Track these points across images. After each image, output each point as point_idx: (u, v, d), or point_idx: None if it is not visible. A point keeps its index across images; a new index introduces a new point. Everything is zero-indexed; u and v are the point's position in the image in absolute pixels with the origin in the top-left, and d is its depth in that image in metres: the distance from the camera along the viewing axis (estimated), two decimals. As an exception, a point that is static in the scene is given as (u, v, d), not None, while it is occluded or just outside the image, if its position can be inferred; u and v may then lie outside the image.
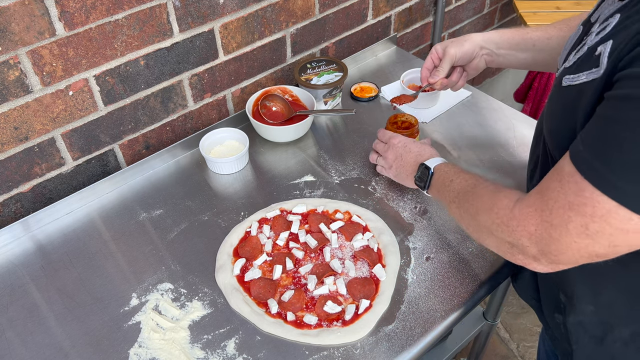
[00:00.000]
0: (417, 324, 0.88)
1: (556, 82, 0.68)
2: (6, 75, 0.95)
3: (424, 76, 1.09)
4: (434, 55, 1.08)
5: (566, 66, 0.66)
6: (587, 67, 0.61)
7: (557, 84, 0.68)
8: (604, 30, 0.61)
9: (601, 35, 0.61)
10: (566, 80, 0.64)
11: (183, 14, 1.11)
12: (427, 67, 1.09)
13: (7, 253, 1.03)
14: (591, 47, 0.62)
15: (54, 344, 0.88)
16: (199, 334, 0.88)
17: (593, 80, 0.59)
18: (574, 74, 0.63)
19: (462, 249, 0.99)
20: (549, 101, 0.71)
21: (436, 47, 1.08)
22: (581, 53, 0.64)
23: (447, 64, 1.05)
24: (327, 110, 1.32)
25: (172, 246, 1.02)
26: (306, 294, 0.92)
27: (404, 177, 1.02)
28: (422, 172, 0.95)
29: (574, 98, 0.62)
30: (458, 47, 1.04)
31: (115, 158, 1.20)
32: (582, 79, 0.61)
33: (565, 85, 0.64)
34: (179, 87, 1.21)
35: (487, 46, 1.03)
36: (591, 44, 0.62)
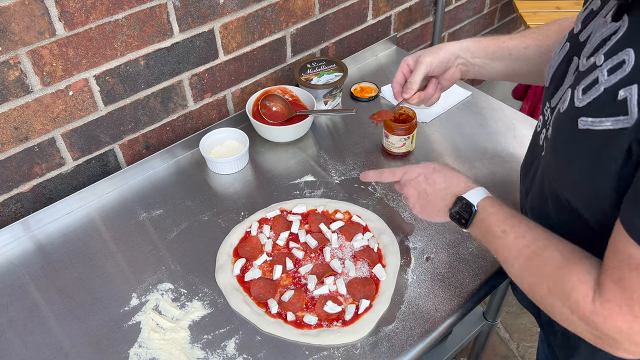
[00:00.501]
0: (417, 324, 0.88)
1: (565, 120, 0.64)
2: (6, 75, 0.95)
3: (397, 92, 0.99)
4: (405, 68, 0.99)
5: (578, 105, 0.62)
6: (611, 113, 0.57)
7: (567, 123, 0.63)
8: (620, 70, 0.56)
9: (619, 75, 0.57)
10: (583, 123, 0.60)
11: (183, 14, 1.11)
12: (397, 81, 0.99)
13: (7, 253, 1.03)
14: (609, 88, 0.57)
15: (54, 344, 0.88)
16: (199, 334, 0.88)
17: (622, 130, 0.55)
18: (594, 117, 0.58)
19: (462, 249, 0.99)
20: (558, 142, 0.66)
21: (406, 59, 0.98)
22: (596, 92, 0.59)
23: (421, 73, 0.96)
24: (327, 110, 1.32)
25: (172, 246, 1.02)
26: (306, 294, 0.92)
27: (433, 215, 0.87)
28: (461, 207, 0.81)
29: (599, 146, 0.58)
30: (433, 55, 0.96)
31: (115, 158, 1.20)
32: (607, 126, 0.57)
33: (584, 128, 0.60)
34: (179, 87, 1.21)
35: (462, 55, 0.96)
36: (608, 85, 0.58)
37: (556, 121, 0.68)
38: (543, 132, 0.75)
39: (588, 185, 0.61)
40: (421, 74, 0.95)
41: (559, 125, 0.66)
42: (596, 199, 0.62)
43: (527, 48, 0.92)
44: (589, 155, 0.60)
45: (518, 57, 0.93)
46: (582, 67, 0.64)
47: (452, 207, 0.82)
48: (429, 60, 0.95)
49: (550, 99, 0.73)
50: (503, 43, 0.94)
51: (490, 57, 0.95)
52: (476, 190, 0.82)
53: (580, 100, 0.62)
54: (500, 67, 0.95)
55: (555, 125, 0.68)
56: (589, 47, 0.64)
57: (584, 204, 0.65)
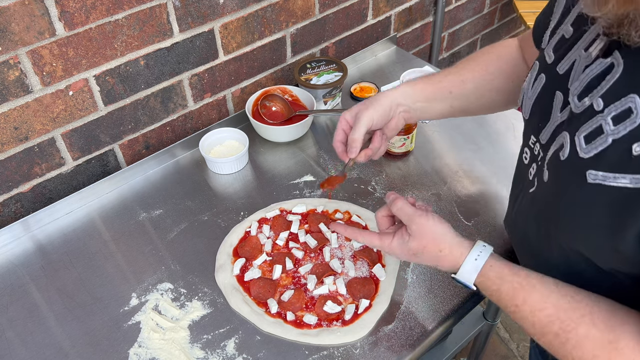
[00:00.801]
0: (417, 324, 0.88)
1: (570, 170, 0.60)
2: (6, 75, 0.95)
3: (340, 152, 0.90)
4: (344, 125, 0.90)
5: (583, 156, 0.57)
6: (627, 169, 0.53)
7: (573, 175, 0.59)
8: (629, 121, 0.53)
9: (628, 126, 0.53)
10: (593, 177, 0.56)
11: (183, 14, 1.11)
12: (339, 140, 0.90)
13: (7, 253, 1.03)
14: (619, 140, 0.54)
15: (54, 344, 0.88)
16: (199, 334, 0.88)
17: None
18: (605, 172, 0.55)
19: (462, 249, 0.99)
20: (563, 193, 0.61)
21: (344, 115, 0.90)
22: (603, 144, 0.55)
23: (363, 130, 0.86)
24: (327, 110, 1.32)
25: (172, 246, 1.02)
26: (306, 294, 0.92)
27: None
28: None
29: (618, 203, 0.54)
30: (373, 109, 0.87)
31: (115, 158, 1.20)
32: (625, 183, 0.53)
33: (594, 182, 0.56)
34: (179, 87, 1.21)
35: (403, 102, 0.89)
36: (616, 137, 0.54)
37: (556, 168, 0.63)
38: (533, 167, 0.71)
39: (606, 241, 0.57)
40: (363, 131, 0.86)
41: (562, 174, 0.62)
42: (616, 252, 0.57)
43: (464, 82, 0.88)
44: (606, 212, 0.56)
45: (458, 95, 0.89)
46: (575, 108, 0.61)
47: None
48: (369, 114, 0.87)
49: (538, 135, 0.69)
50: (440, 83, 0.89)
51: (430, 99, 0.90)
52: (466, 264, 0.73)
53: (585, 150, 0.57)
54: (443, 107, 0.91)
55: (554, 172, 0.64)
56: (578, 85, 0.61)
57: (602, 258, 0.60)
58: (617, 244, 0.56)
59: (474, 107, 0.92)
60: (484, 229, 1.03)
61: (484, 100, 0.90)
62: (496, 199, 1.09)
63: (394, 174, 1.15)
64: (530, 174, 0.72)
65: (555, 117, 0.66)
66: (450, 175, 1.15)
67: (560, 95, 0.65)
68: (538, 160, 0.70)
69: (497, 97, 0.90)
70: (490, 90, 0.89)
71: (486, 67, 0.89)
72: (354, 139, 0.86)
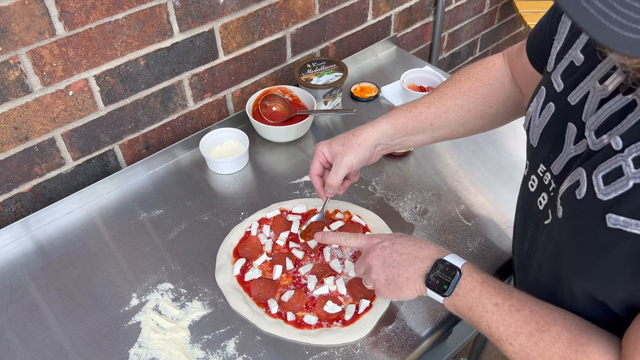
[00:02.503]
0: (417, 324, 0.88)
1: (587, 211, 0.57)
2: (6, 75, 0.95)
3: (319, 188, 0.91)
4: (322, 158, 0.89)
5: (601, 198, 0.55)
6: None
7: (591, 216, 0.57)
8: None
9: None
10: (613, 221, 0.54)
11: (183, 14, 1.11)
12: (316, 173, 0.90)
13: (7, 253, 1.03)
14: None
15: (54, 344, 0.88)
16: (199, 334, 0.88)
17: None
18: (627, 217, 0.52)
19: (462, 249, 0.99)
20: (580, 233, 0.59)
21: (322, 150, 0.89)
22: (623, 187, 0.53)
23: (342, 174, 0.87)
24: (327, 110, 1.32)
25: (172, 246, 1.02)
26: (306, 294, 0.92)
27: (401, 283, 0.77)
28: (443, 271, 0.73)
29: (633, 249, 0.52)
30: (353, 154, 0.86)
31: (115, 158, 1.20)
32: None
33: (614, 227, 0.53)
34: (179, 87, 1.21)
35: (382, 142, 0.88)
36: (638, 180, 0.52)
37: (572, 207, 0.61)
38: (543, 196, 0.70)
39: (623, 287, 0.56)
40: (342, 176, 0.87)
41: (578, 214, 0.59)
42: (626, 296, 0.56)
43: (447, 112, 0.87)
44: (627, 258, 0.54)
45: (440, 125, 0.87)
46: (592, 144, 0.59)
47: (430, 272, 0.74)
48: (349, 160, 0.86)
49: (549, 165, 0.68)
50: (421, 115, 0.87)
51: (411, 133, 0.88)
52: (453, 255, 0.75)
53: (603, 192, 0.55)
54: (424, 137, 0.90)
55: (570, 210, 0.61)
56: (595, 120, 0.59)
57: (614, 301, 0.59)
58: (636, 290, 0.54)
59: (457, 134, 0.90)
60: (484, 230, 1.03)
61: (469, 125, 0.89)
62: (496, 200, 1.09)
63: (394, 174, 1.15)
64: (540, 203, 0.70)
65: (569, 150, 0.64)
66: (450, 176, 1.15)
67: (573, 127, 0.63)
68: (550, 190, 0.68)
69: (482, 122, 0.88)
70: (474, 117, 0.87)
71: (469, 93, 0.87)
72: (332, 185, 0.88)
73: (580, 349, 0.60)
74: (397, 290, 0.78)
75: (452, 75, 0.91)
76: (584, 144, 0.61)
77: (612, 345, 0.59)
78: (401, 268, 0.77)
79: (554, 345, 0.61)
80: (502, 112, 0.87)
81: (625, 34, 0.35)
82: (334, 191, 0.90)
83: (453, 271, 0.73)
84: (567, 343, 0.61)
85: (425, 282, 0.74)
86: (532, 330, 0.64)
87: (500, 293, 0.69)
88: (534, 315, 0.65)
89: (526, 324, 0.64)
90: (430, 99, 0.88)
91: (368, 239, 0.83)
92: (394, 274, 0.77)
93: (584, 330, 0.62)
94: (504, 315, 0.66)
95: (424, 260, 0.76)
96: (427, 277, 0.74)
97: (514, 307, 0.66)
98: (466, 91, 0.87)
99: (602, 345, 0.59)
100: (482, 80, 0.86)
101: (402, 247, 0.79)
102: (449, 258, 0.74)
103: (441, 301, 0.74)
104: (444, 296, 0.73)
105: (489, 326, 0.68)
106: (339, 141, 0.88)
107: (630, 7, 0.35)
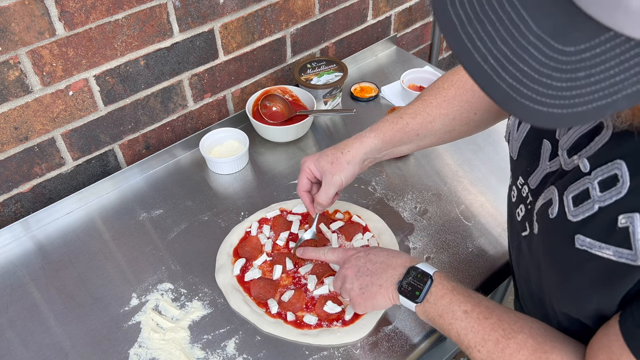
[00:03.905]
0: (417, 324, 0.88)
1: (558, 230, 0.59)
2: (6, 75, 0.95)
3: (308, 203, 0.92)
4: (309, 175, 0.90)
5: (570, 219, 0.57)
6: (612, 241, 0.52)
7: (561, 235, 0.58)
8: (615, 190, 0.52)
9: (614, 196, 0.52)
10: (581, 243, 0.55)
11: (183, 14, 1.11)
12: (304, 190, 0.91)
13: (7, 253, 1.03)
14: (605, 209, 0.53)
15: (54, 344, 0.88)
16: (199, 334, 0.88)
17: (629, 267, 0.50)
18: (592, 239, 0.54)
19: (462, 249, 0.99)
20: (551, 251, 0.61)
21: (309, 167, 0.89)
22: (589, 210, 0.54)
23: (332, 193, 0.88)
24: (327, 110, 1.32)
25: (172, 246, 1.02)
26: (306, 294, 0.92)
27: (374, 292, 0.79)
28: (415, 278, 0.76)
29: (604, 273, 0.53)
30: (343, 174, 0.86)
31: (115, 158, 1.20)
32: (609, 255, 0.52)
33: (581, 248, 0.55)
34: (179, 87, 1.21)
35: (369, 156, 0.89)
36: (602, 205, 0.53)
37: (545, 224, 0.63)
38: (521, 208, 0.71)
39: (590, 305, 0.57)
40: (332, 194, 0.88)
41: (552, 232, 0.61)
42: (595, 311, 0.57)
43: (433, 122, 0.87)
44: (594, 278, 0.55)
45: (426, 135, 0.88)
46: (564, 164, 0.60)
47: (402, 279, 0.76)
48: (339, 179, 0.87)
49: (527, 178, 0.69)
50: (408, 126, 0.87)
51: (397, 144, 0.89)
52: (425, 263, 0.78)
53: (572, 214, 0.57)
54: (410, 147, 0.91)
55: (544, 228, 0.63)
56: (567, 140, 0.60)
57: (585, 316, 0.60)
58: (603, 309, 0.56)
59: (442, 141, 0.91)
60: (483, 230, 1.03)
61: (454, 133, 0.89)
62: (496, 200, 1.09)
63: (394, 174, 1.15)
64: (518, 214, 0.72)
65: (544, 165, 0.65)
66: (450, 176, 1.15)
67: (548, 144, 0.65)
68: (527, 203, 0.69)
69: (467, 128, 0.89)
70: (459, 125, 0.88)
71: (454, 102, 0.87)
72: (322, 203, 0.89)
73: (544, 356, 0.62)
74: (371, 299, 0.80)
75: (435, 81, 0.90)
76: (558, 162, 0.62)
77: (575, 353, 0.61)
78: (374, 276, 0.80)
79: (519, 352, 0.63)
80: (487, 118, 0.88)
81: (536, 107, 0.36)
82: (323, 208, 0.91)
83: (425, 278, 0.75)
84: (531, 350, 0.63)
85: (398, 289, 0.77)
86: (499, 337, 0.65)
87: (469, 301, 0.71)
88: (502, 322, 0.67)
89: (493, 331, 0.66)
90: (416, 109, 0.88)
91: (344, 252, 0.86)
92: (367, 282, 0.80)
93: (549, 338, 0.63)
94: (472, 322, 0.69)
95: (396, 267, 0.79)
96: (400, 284, 0.77)
97: (482, 315, 0.68)
98: (450, 99, 0.87)
99: (566, 353, 0.61)
100: (465, 87, 0.86)
101: (376, 257, 0.82)
102: (421, 265, 0.77)
103: (413, 309, 0.76)
104: (415, 302, 0.75)
105: (458, 333, 0.70)
106: (327, 159, 0.87)
107: (539, 83, 0.36)
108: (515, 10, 0.36)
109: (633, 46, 0.34)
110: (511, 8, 0.36)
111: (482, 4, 0.37)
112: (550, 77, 0.36)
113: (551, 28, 0.36)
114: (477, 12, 0.38)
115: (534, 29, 0.36)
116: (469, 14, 0.38)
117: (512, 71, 0.37)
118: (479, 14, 0.38)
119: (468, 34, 0.38)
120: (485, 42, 0.37)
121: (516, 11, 0.36)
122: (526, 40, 0.36)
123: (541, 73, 0.36)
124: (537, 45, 0.36)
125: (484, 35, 0.37)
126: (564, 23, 0.35)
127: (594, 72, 0.35)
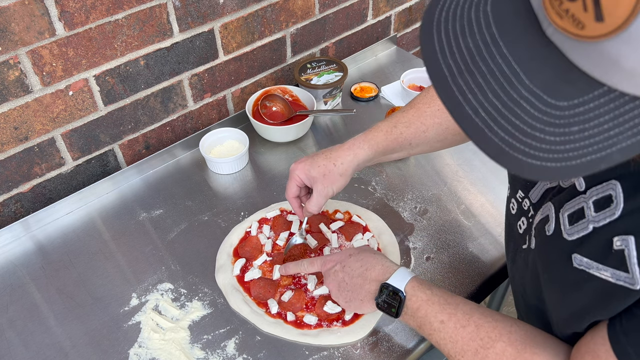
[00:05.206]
0: (417, 324, 0.88)
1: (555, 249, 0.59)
2: (6, 75, 0.95)
3: (297, 208, 0.92)
4: (298, 182, 0.89)
5: (566, 237, 0.56)
6: (609, 262, 0.51)
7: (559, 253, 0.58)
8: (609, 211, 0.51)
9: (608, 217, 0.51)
10: (578, 262, 0.55)
11: (183, 14, 1.11)
12: (293, 196, 0.91)
13: (7, 253, 1.03)
14: (599, 230, 0.52)
15: (54, 344, 0.88)
16: (199, 334, 0.88)
17: (628, 290, 0.49)
18: (589, 259, 0.53)
19: (462, 249, 0.99)
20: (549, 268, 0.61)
21: (299, 175, 0.88)
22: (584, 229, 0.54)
23: (324, 202, 0.88)
24: (327, 110, 1.32)
25: (172, 246, 1.02)
26: (306, 294, 0.92)
27: (358, 305, 0.82)
28: (388, 296, 0.76)
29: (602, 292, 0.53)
30: (335, 185, 0.87)
31: (115, 158, 1.20)
32: (607, 276, 0.51)
33: (579, 268, 0.54)
34: (179, 87, 1.21)
35: (361, 165, 0.88)
36: (597, 225, 0.52)
37: (542, 241, 0.62)
38: (522, 221, 0.70)
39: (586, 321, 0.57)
40: (323, 204, 0.89)
41: (549, 249, 0.61)
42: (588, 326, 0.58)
43: (427, 132, 0.87)
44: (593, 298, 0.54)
45: (418, 143, 0.88)
46: (562, 181, 0.60)
47: (378, 296, 0.77)
48: (331, 191, 0.87)
49: (528, 192, 0.68)
50: (401, 136, 0.87)
51: (389, 153, 0.89)
52: (399, 273, 0.77)
53: (568, 232, 0.56)
54: (401, 155, 0.90)
55: (541, 245, 0.63)
56: None
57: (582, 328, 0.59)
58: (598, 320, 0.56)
59: (434, 149, 0.91)
60: (483, 230, 1.03)
61: (446, 142, 0.89)
62: (496, 200, 1.09)
63: (394, 174, 1.15)
64: (520, 227, 0.71)
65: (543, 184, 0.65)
66: (450, 176, 1.15)
67: None
68: (529, 216, 0.68)
69: (459, 137, 0.88)
70: (452, 134, 0.87)
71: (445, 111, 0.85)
72: (312, 212, 0.89)
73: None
74: (358, 309, 0.84)
75: (429, 88, 0.90)
76: None
77: (557, 356, 0.61)
78: (354, 292, 0.81)
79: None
80: None
81: (529, 161, 0.36)
82: (311, 213, 0.91)
83: (396, 295, 0.75)
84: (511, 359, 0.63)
85: (377, 306, 0.78)
86: (477, 347, 0.65)
87: (445, 310, 0.70)
88: (479, 331, 0.66)
89: (472, 341, 0.66)
90: (410, 118, 0.88)
91: (322, 265, 0.88)
92: (350, 297, 0.82)
93: (529, 344, 0.63)
94: (450, 332, 0.69)
95: (371, 282, 0.79)
96: (377, 301, 0.78)
97: (459, 324, 0.68)
98: (444, 108, 0.86)
99: (546, 358, 0.61)
100: None
101: (352, 270, 0.82)
102: (393, 280, 0.76)
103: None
104: (394, 318, 0.76)
105: (438, 343, 0.71)
106: (318, 170, 0.86)
107: (532, 137, 0.36)
108: (506, 62, 0.36)
109: (627, 101, 0.33)
110: (502, 60, 0.36)
111: (473, 56, 0.37)
112: (543, 131, 0.35)
113: (544, 82, 0.35)
114: (468, 63, 0.37)
115: (526, 82, 0.35)
116: (460, 66, 0.37)
117: (504, 125, 0.36)
118: (469, 66, 0.37)
119: (459, 85, 0.37)
120: (476, 94, 0.37)
121: (508, 64, 0.36)
122: (518, 93, 0.35)
123: (534, 127, 0.35)
124: (529, 99, 0.35)
125: (474, 87, 0.37)
126: (556, 77, 0.35)
127: (588, 127, 0.34)
